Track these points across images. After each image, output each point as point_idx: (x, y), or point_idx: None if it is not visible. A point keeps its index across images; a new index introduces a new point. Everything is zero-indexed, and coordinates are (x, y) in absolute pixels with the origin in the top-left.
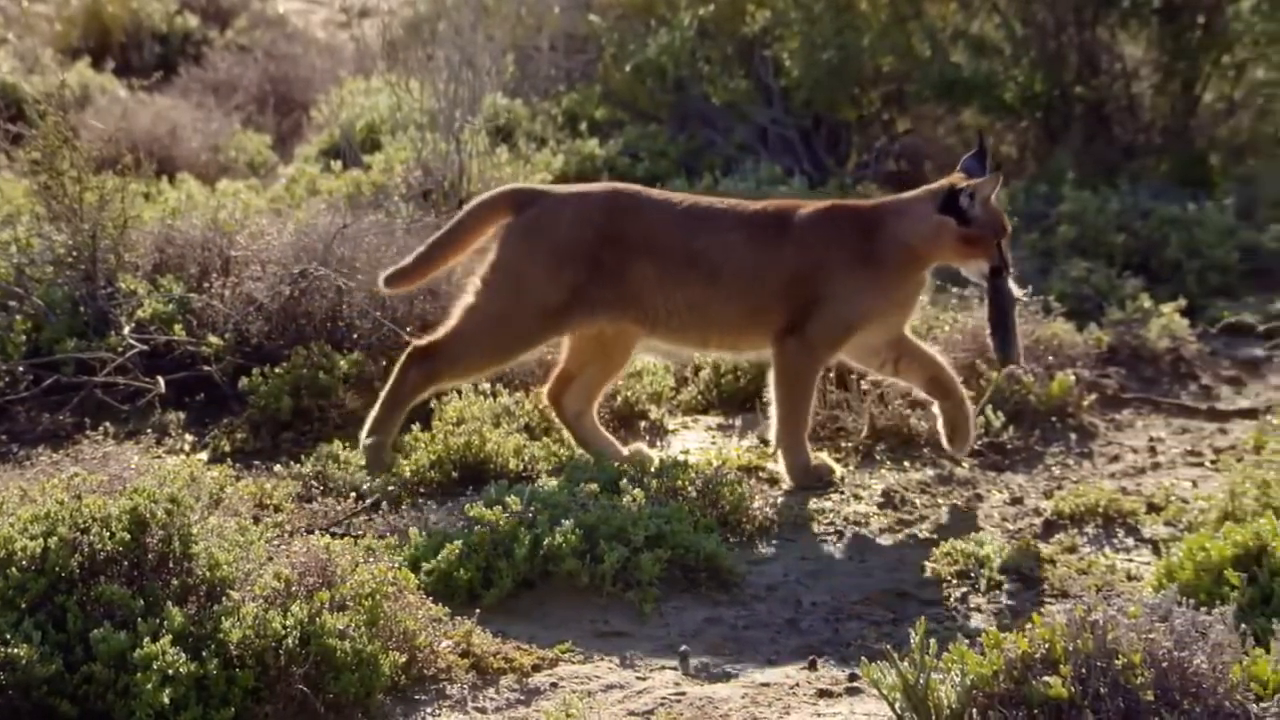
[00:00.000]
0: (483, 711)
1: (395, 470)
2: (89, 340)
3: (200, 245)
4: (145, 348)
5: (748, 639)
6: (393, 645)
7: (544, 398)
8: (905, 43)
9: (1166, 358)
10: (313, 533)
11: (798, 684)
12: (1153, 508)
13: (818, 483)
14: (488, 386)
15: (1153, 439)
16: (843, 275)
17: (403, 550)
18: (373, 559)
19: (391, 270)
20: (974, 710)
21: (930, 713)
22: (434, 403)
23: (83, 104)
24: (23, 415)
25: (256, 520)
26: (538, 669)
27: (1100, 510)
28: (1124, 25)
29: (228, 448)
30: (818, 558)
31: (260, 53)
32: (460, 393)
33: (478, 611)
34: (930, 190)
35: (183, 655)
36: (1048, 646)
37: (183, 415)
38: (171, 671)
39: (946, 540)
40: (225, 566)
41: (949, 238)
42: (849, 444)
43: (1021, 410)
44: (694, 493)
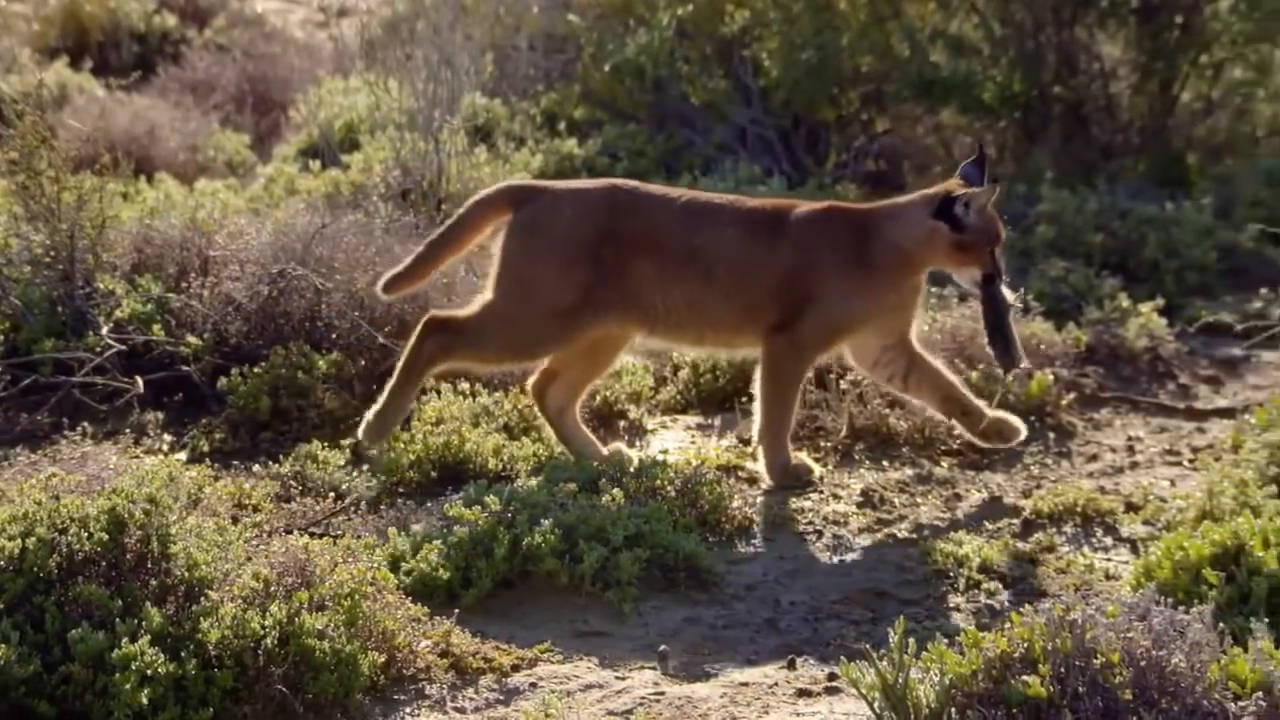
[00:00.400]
0: (462, 711)
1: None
2: (67, 340)
3: (179, 245)
4: (123, 348)
5: (727, 638)
6: (372, 645)
7: (528, 391)
8: (884, 43)
9: (1145, 357)
10: (291, 533)
11: (777, 683)
12: (1131, 507)
13: (796, 482)
14: (467, 386)
15: (1131, 438)
16: (835, 276)
17: (382, 550)
18: (352, 559)
19: (390, 274)
20: (953, 709)
21: (909, 712)
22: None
23: (60, 104)
24: (0, 415)
25: (235, 520)
26: (517, 669)
27: (1079, 509)
28: (1102, 25)
29: (206, 448)
30: (797, 557)
31: (238, 52)
32: (439, 392)
33: (457, 611)
34: (926, 195)
35: (161, 656)
36: (1026, 646)
37: (161, 415)
38: (150, 672)
39: (925, 540)
40: (204, 567)
41: (942, 243)
42: (828, 443)
43: (1002, 408)
44: (673, 492)
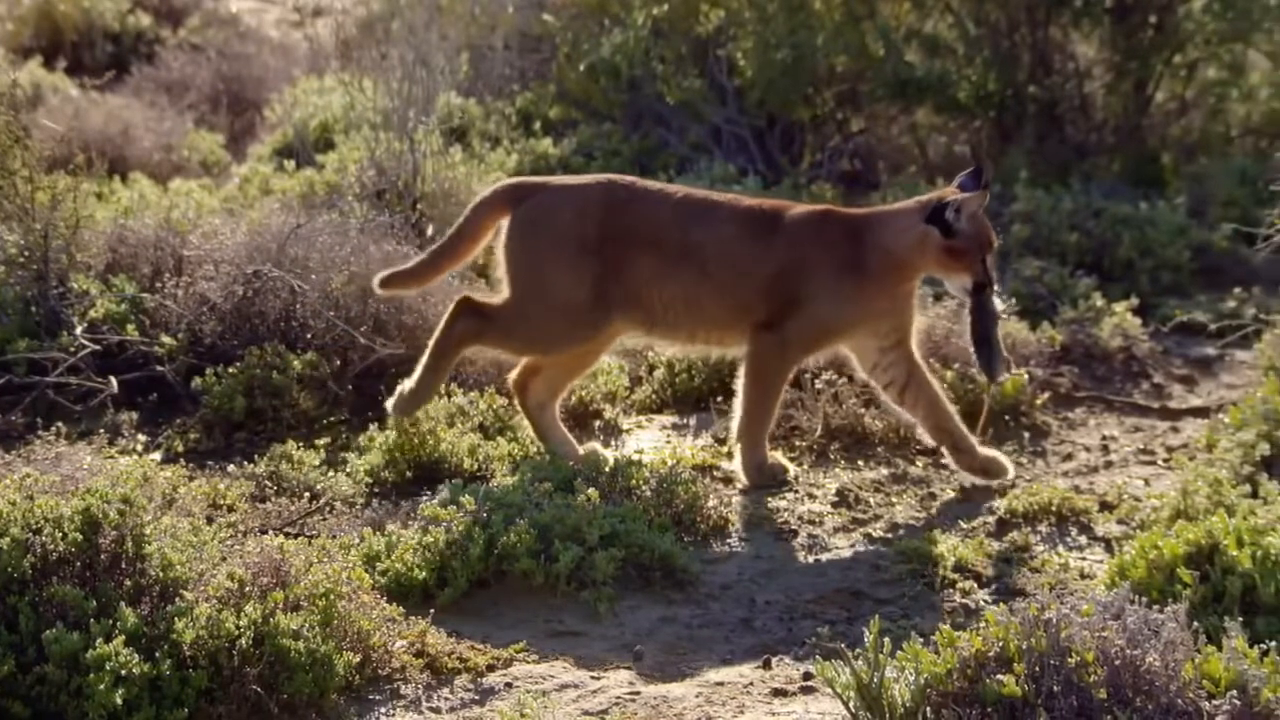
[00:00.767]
0: (437, 711)
1: (350, 472)
2: (41, 340)
3: (153, 245)
4: (98, 348)
5: (702, 638)
6: (347, 645)
7: (509, 384)
8: (859, 42)
9: (1119, 356)
10: (266, 533)
11: (752, 683)
12: (1105, 506)
13: (772, 481)
14: (442, 386)
15: (1105, 437)
16: (825, 278)
17: (357, 550)
18: (327, 559)
19: (391, 271)
20: (928, 708)
21: (884, 711)
22: (388, 402)
23: (34, 103)
24: None
25: (210, 520)
26: (492, 669)
27: (1053, 509)
28: (1076, 25)
29: (181, 448)
30: (772, 557)
31: (213, 52)
32: None
33: (432, 611)
34: (920, 201)
35: (136, 656)
36: (1001, 645)
37: (135, 415)
38: (124, 672)
39: (900, 539)
40: (178, 567)
41: (933, 249)
42: (803, 443)
43: (975, 409)
44: (648, 492)
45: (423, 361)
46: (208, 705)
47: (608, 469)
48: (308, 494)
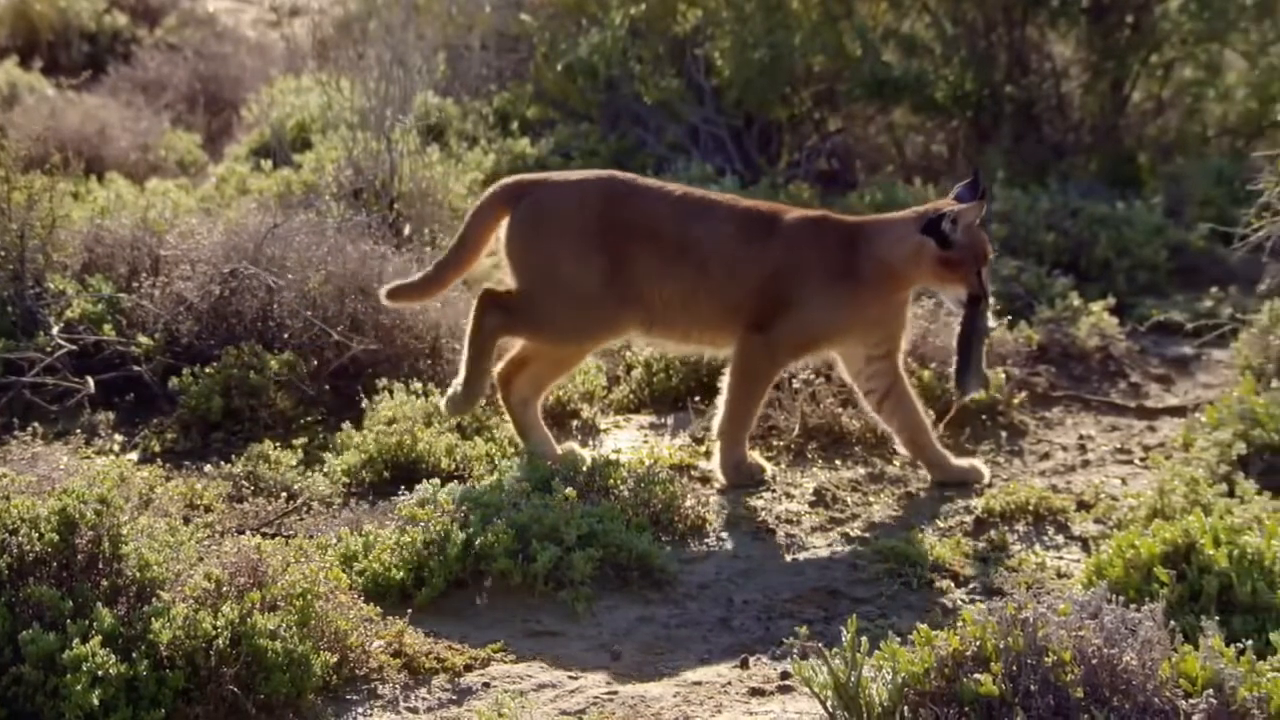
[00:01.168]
0: (414, 711)
1: (328, 472)
2: (17, 340)
3: (130, 245)
4: (74, 348)
5: (680, 638)
6: (324, 645)
7: (494, 377)
8: (836, 42)
9: (1096, 356)
10: (244, 533)
11: (730, 682)
12: (1082, 505)
13: (749, 481)
14: (419, 386)
15: (1082, 437)
16: (818, 283)
17: (335, 550)
18: (304, 559)
19: (398, 284)
20: (905, 708)
21: (862, 710)
22: (365, 402)
23: (10, 103)
24: None
25: (187, 521)
26: (470, 668)
27: (1030, 508)
28: (1053, 24)
29: (158, 448)
30: (749, 556)
31: (190, 51)
32: (391, 392)
33: (410, 611)
34: (917, 211)
35: (112, 656)
36: (979, 644)
37: (112, 415)
38: (101, 673)
39: (878, 538)
40: (155, 567)
41: (928, 260)
42: (781, 442)
43: (949, 408)
44: (626, 492)
45: (464, 359)
46: (185, 705)
47: (585, 469)
48: (285, 494)
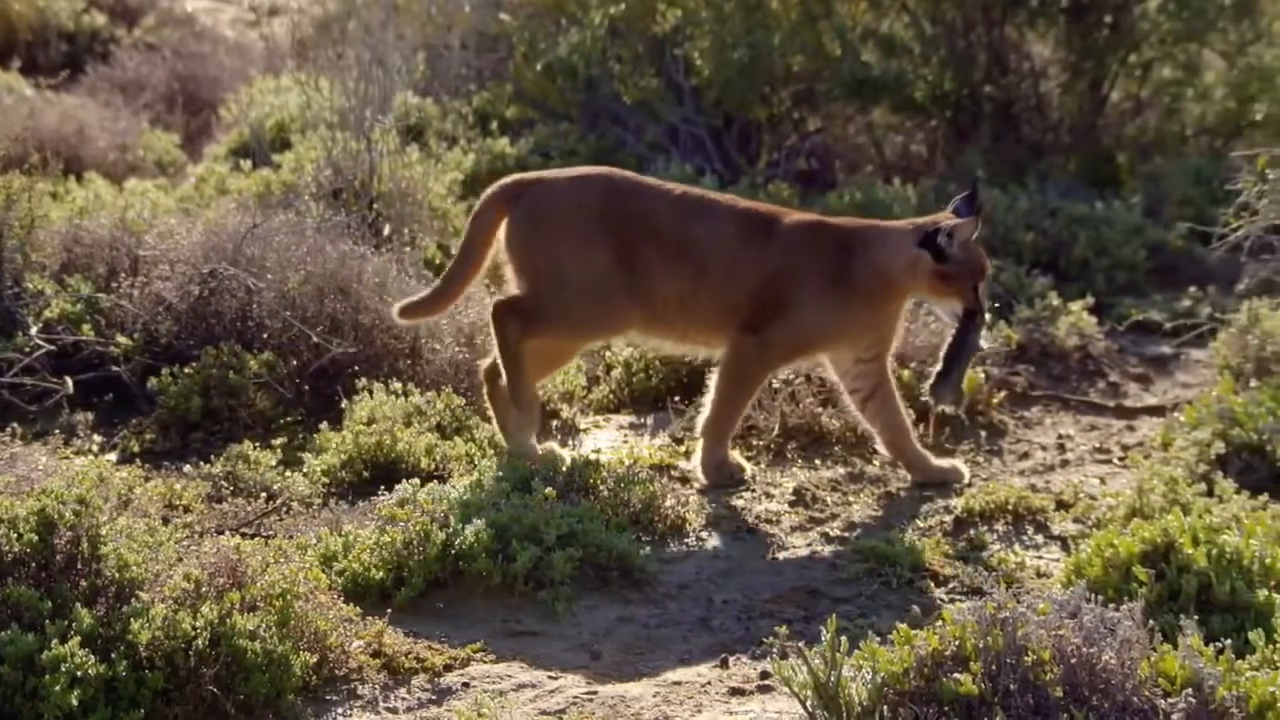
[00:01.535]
0: (394, 711)
1: (307, 472)
2: None
3: (108, 245)
4: (53, 348)
5: (660, 637)
6: (304, 646)
7: (480, 371)
8: (815, 42)
9: (1075, 355)
10: (223, 533)
11: (710, 682)
12: (1062, 505)
13: (729, 481)
14: (399, 386)
15: (1061, 436)
16: (814, 288)
17: (314, 550)
18: (284, 559)
19: (408, 301)
20: (885, 707)
21: (841, 710)
22: (345, 402)
23: None
24: None
25: (166, 521)
26: (449, 669)
27: (1010, 507)
28: (1032, 24)
29: (136, 448)
30: (729, 556)
31: (168, 51)
32: (371, 392)
33: (389, 611)
34: (915, 223)
35: (91, 657)
36: (958, 643)
37: (91, 416)
38: (80, 673)
39: (857, 538)
40: (134, 567)
41: (924, 274)
42: (760, 442)
43: (931, 408)
44: (606, 492)
45: (506, 376)
46: (164, 706)
47: (565, 468)
48: (264, 494)
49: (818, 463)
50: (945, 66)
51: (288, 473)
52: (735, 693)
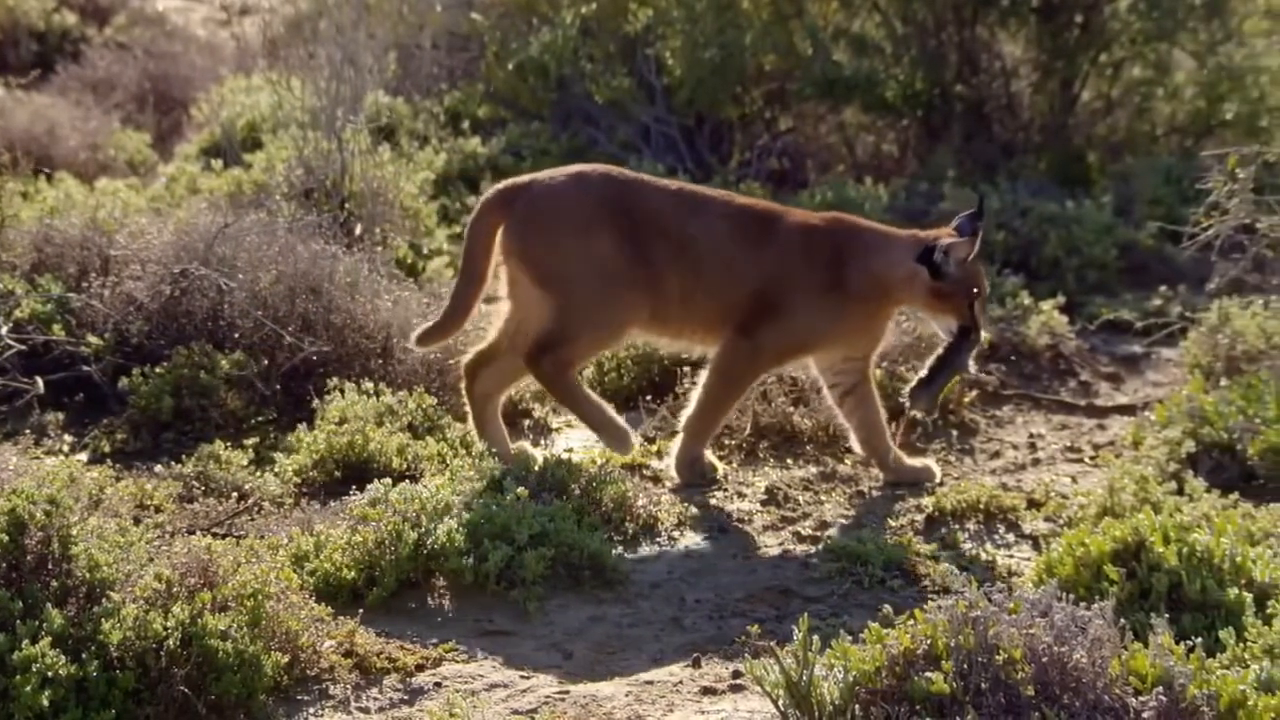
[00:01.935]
0: (366, 711)
1: (279, 472)
2: None
3: (79, 244)
4: (23, 348)
5: (632, 637)
6: (275, 646)
7: (461, 366)
8: (787, 41)
9: (1046, 354)
10: (194, 533)
11: (682, 681)
12: (1033, 503)
13: (700, 479)
14: (371, 385)
15: (1033, 435)
16: (810, 293)
17: (286, 550)
18: (255, 559)
19: (424, 329)
20: (856, 706)
21: (813, 709)
22: (316, 402)
23: None
24: None
25: (137, 521)
26: (421, 668)
27: (981, 506)
28: (1003, 24)
29: (107, 448)
30: (701, 555)
31: (139, 50)
32: (343, 392)
33: (361, 611)
34: (917, 237)
35: (62, 657)
36: (930, 642)
37: (62, 416)
38: (51, 674)
39: (829, 537)
40: (105, 568)
41: (920, 288)
42: (732, 441)
43: (902, 407)
44: (578, 491)
45: (577, 414)
46: (135, 706)
47: (537, 468)
48: (236, 494)
49: (790, 462)
50: (916, 66)
51: (259, 472)
52: (707, 692)
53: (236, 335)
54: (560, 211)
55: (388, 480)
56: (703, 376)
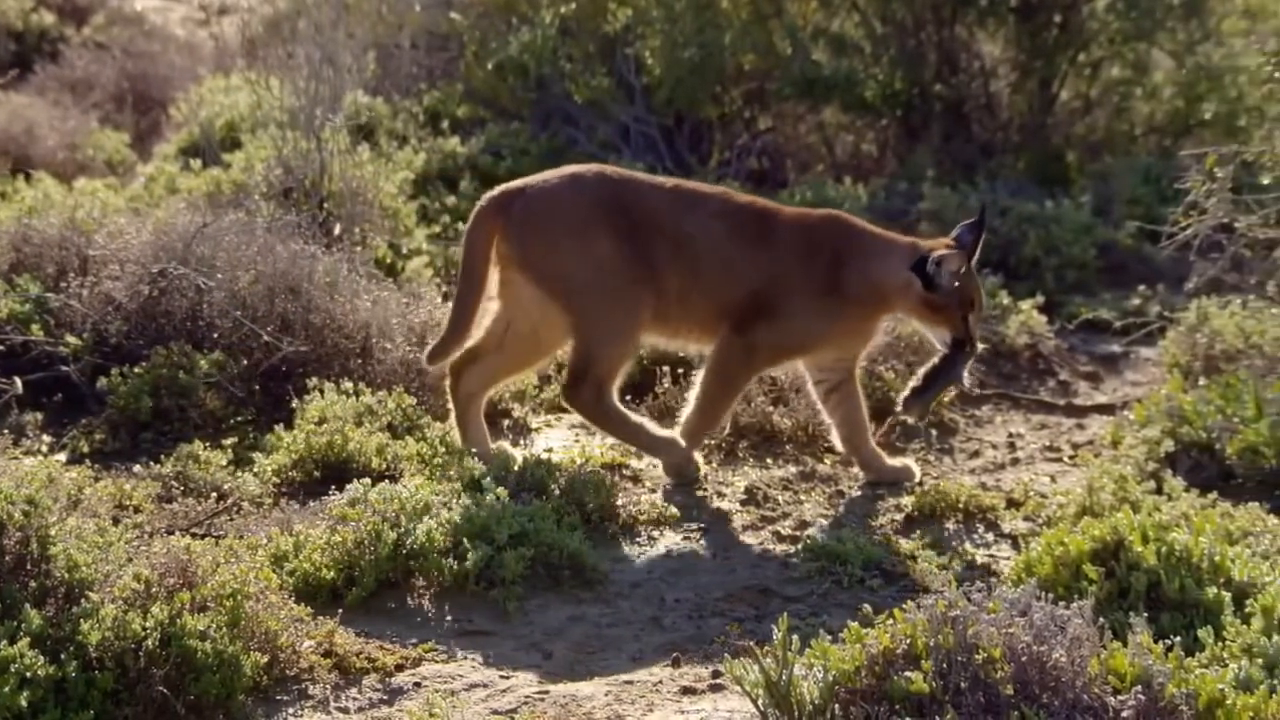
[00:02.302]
0: (345, 711)
1: (258, 472)
2: None
3: (57, 244)
4: (2, 348)
5: (611, 637)
6: (254, 646)
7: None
8: (766, 41)
9: (1025, 354)
10: (173, 533)
11: (661, 681)
12: (1012, 503)
13: (688, 479)
14: (350, 385)
15: (1012, 435)
16: (806, 294)
17: (265, 550)
18: (234, 560)
19: (432, 347)
20: (836, 705)
21: (793, 708)
22: (296, 402)
23: None
24: None
25: (116, 521)
26: (401, 668)
27: (960, 505)
28: (982, 24)
29: (86, 448)
30: (681, 555)
31: (118, 50)
32: (322, 392)
33: (340, 611)
34: (918, 244)
35: (41, 658)
36: (909, 642)
37: (40, 416)
38: (29, 674)
39: (809, 537)
40: (84, 568)
41: (913, 298)
42: (712, 441)
43: (883, 407)
44: (557, 491)
45: (624, 437)
46: (114, 707)
47: (517, 468)
48: (215, 494)
49: (769, 461)
50: (895, 66)
51: (238, 472)
52: (687, 692)
53: (215, 335)
54: (557, 214)
55: (367, 480)
56: (699, 376)
